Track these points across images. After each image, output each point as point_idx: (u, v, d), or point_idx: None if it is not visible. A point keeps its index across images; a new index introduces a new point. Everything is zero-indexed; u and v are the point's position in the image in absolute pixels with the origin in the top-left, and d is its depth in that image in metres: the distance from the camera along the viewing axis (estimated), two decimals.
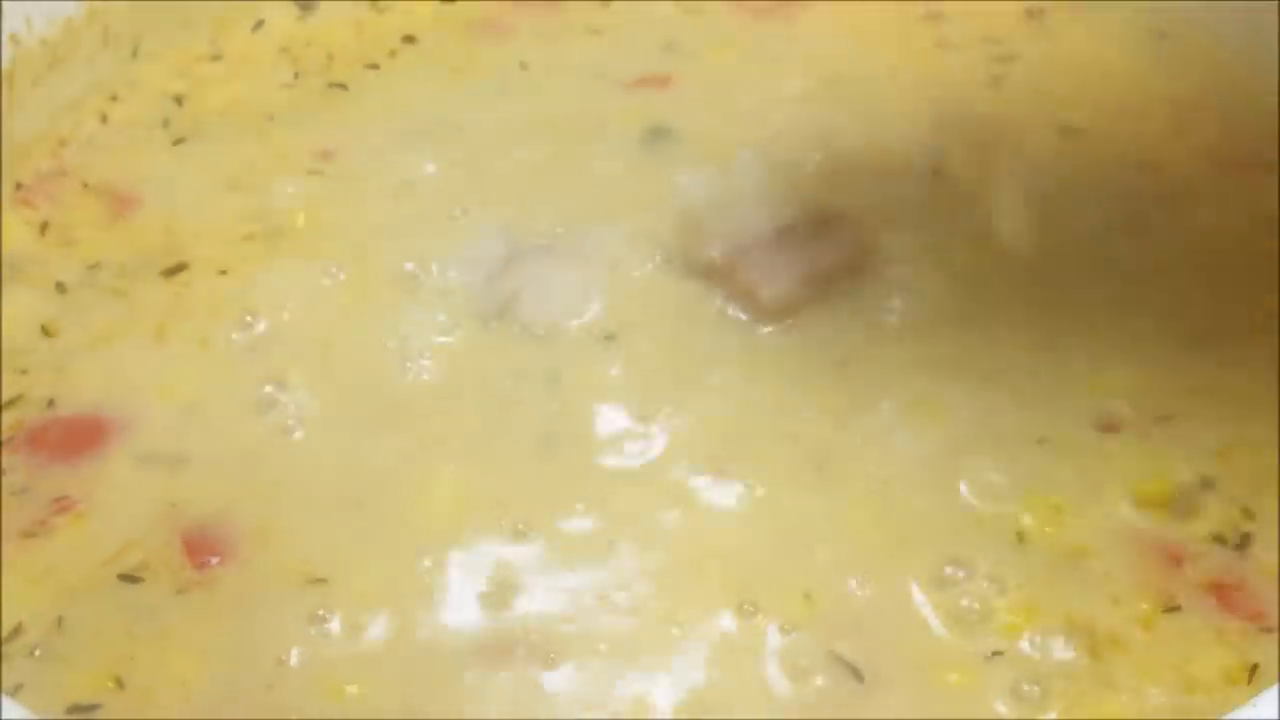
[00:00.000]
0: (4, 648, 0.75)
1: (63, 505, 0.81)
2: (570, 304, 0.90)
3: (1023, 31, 1.10)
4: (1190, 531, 0.80)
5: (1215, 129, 1.01)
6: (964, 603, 0.77)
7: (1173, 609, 0.76)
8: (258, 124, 1.04)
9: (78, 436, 0.84)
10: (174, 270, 0.93)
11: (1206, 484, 0.82)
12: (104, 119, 1.06)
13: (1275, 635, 0.76)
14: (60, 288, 0.93)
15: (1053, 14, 1.11)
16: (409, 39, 1.12)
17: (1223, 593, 0.77)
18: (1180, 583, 0.78)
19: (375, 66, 1.09)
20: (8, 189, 0.99)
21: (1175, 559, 0.78)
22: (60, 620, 0.76)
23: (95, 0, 1.03)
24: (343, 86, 1.08)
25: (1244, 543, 0.79)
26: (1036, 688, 0.74)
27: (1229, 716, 0.62)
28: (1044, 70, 1.06)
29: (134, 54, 1.08)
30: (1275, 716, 0.61)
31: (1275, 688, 0.62)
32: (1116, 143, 0.99)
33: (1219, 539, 0.79)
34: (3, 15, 0.98)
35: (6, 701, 0.63)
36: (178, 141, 1.04)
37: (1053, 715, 0.73)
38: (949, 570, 0.78)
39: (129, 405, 0.85)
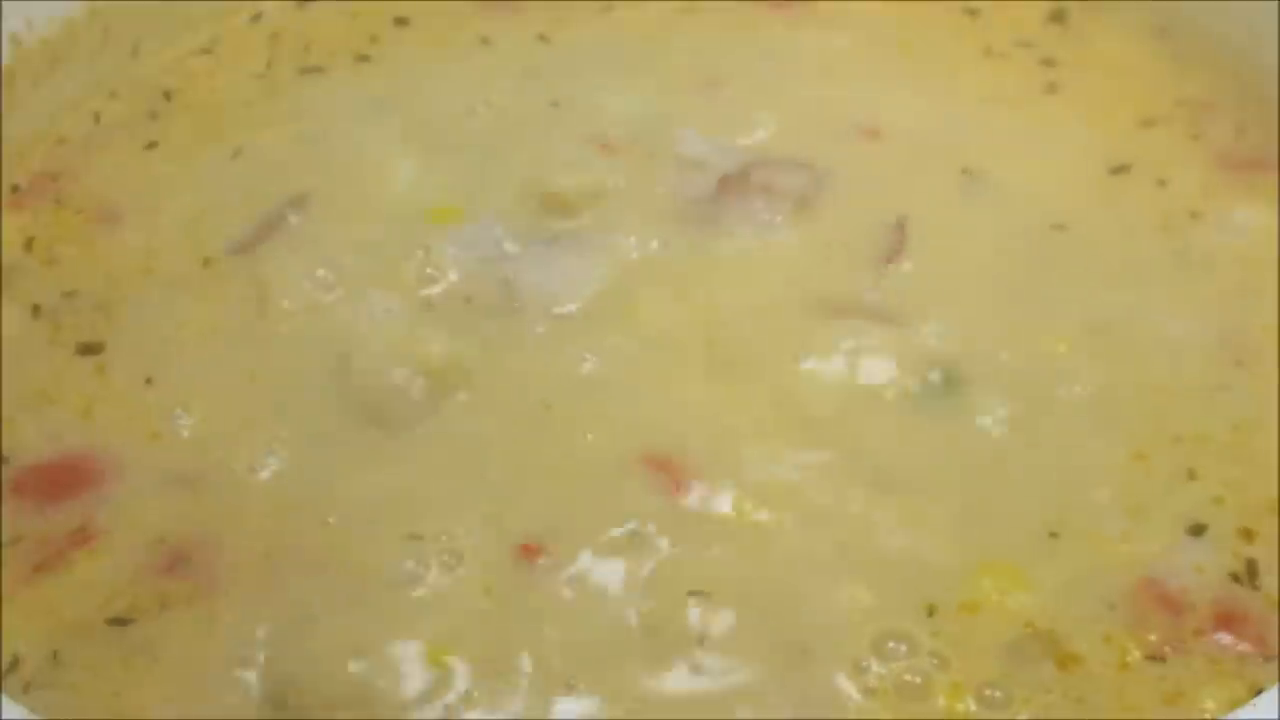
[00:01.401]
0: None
1: (78, 539, 0.82)
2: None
3: (1053, 35, 1.12)
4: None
5: (1229, 130, 1.04)
6: None
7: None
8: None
9: (60, 480, 0.86)
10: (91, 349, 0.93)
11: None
12: (97, 119, 1.07)
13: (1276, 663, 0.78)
14: (36, 311, 0.94)
15: (1074, 14, 1.13)
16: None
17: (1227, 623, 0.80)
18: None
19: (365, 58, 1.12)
20: (7, 192, 1.01)
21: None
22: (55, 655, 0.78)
23: (96, 0, 1.05)
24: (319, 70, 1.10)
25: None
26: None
27: (1229, 716, 0.65)
28: (1085, 76, 1.08)
29: (134, 53, 1.09)
30: (1275, 717, 0.63)
31: (1275, 688, 0.65)
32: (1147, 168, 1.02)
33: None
34: (2, 15, 0.99)
35: (6, 702, 0.66)
36: (149, 146, 1.05)
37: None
38: None
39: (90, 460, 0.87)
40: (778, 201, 0.98)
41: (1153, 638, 0.78)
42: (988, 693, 0.77)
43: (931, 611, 0.79)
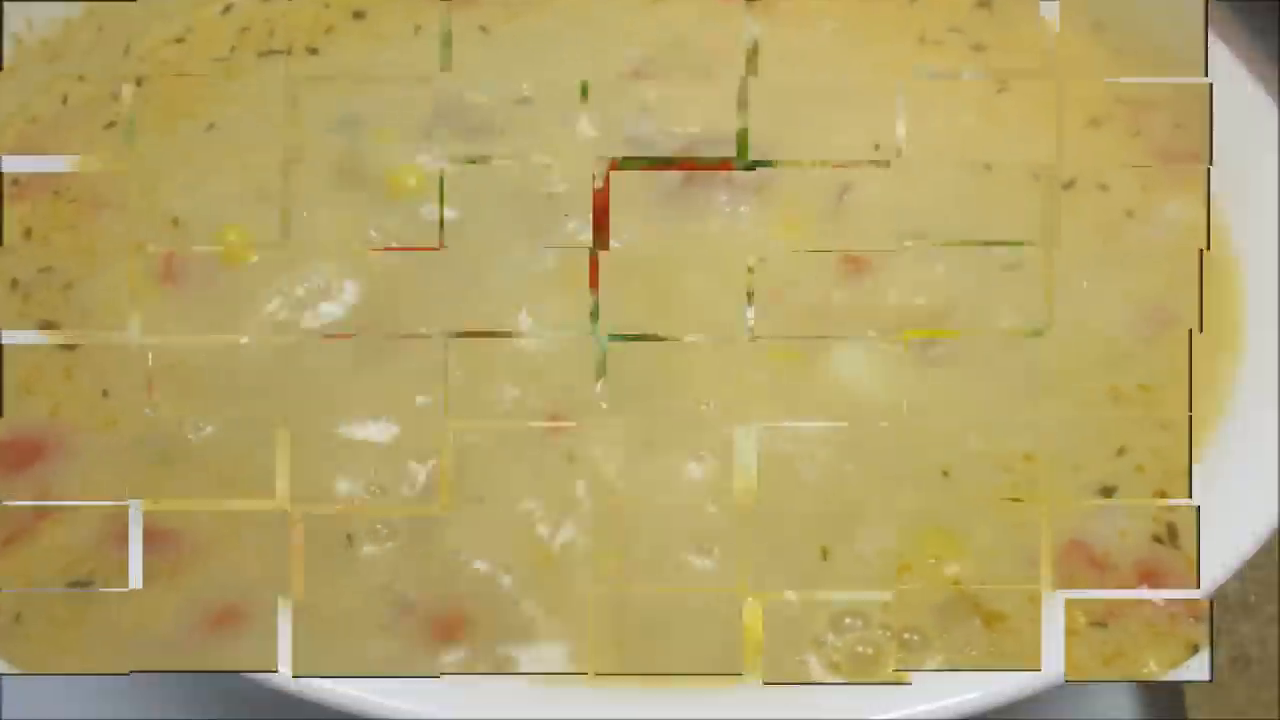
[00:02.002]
0: None
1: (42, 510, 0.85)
2: None
3: (979, 21, 1.13)
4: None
5: (1167, 126, 1.05)
6: None
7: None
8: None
9: (21, 451, 0.88)
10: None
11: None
12: (64, 101, 1.08)
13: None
14: (14, 285, 0.97)
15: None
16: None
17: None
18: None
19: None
20: (8, 184, 1.02)
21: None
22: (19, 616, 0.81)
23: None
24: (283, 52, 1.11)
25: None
26: None
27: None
28: (1022, 67, 1.08)
29: (126, 51, 1.12)
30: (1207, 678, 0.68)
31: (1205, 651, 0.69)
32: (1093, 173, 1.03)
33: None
34: (3, 15, 1.03)
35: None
36: (108, 125, 1.06)
37: None
38: None
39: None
40: (739, 192, 1.01)
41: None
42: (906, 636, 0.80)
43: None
